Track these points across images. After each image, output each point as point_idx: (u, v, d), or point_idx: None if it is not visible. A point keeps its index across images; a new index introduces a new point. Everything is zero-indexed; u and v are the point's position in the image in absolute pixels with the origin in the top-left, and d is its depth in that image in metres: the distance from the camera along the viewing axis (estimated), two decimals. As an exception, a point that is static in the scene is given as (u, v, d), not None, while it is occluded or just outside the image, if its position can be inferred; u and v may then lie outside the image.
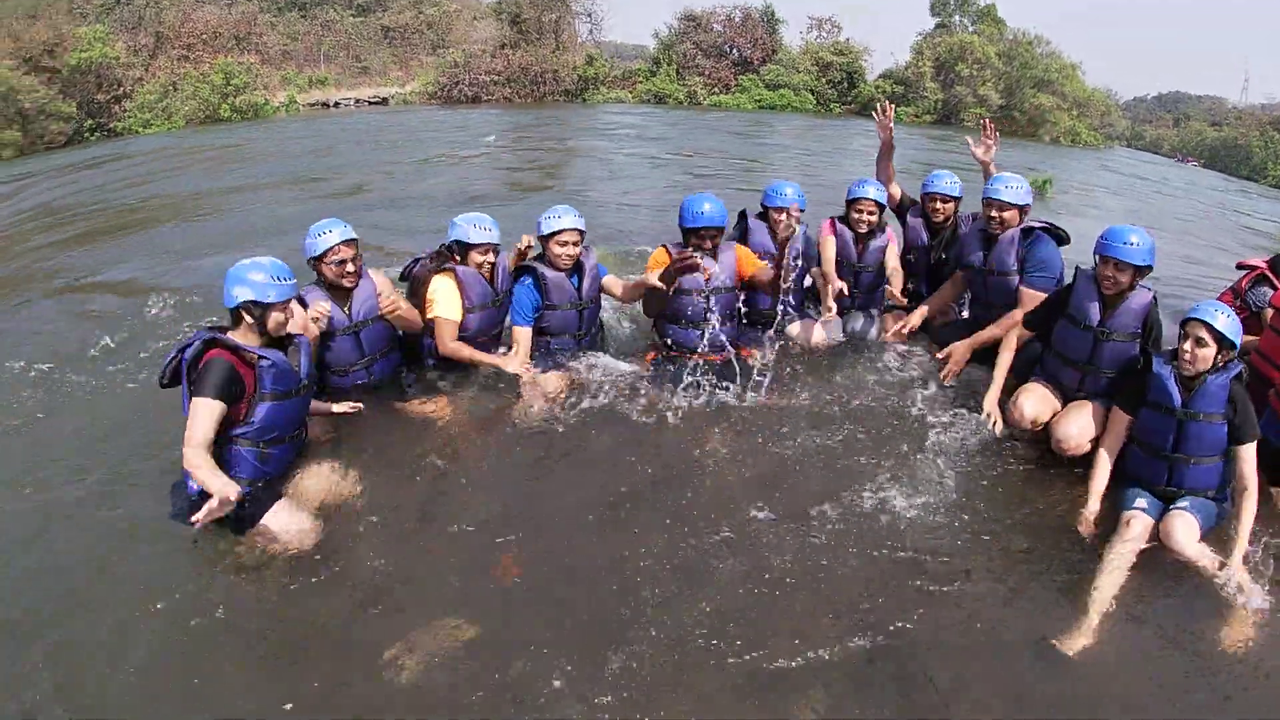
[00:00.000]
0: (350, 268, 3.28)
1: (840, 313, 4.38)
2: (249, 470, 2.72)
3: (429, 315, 3.70)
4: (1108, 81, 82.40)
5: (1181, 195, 19.06)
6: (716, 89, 28.70)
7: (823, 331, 4.35)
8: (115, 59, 22.08)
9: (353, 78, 26.70)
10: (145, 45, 23.96)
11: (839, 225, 4.45)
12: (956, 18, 30.65)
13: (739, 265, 4.04)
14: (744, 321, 4.27)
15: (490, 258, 3.74)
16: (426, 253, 3.86)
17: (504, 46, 27.52)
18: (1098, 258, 3.36)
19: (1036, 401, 3.55)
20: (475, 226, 3.68)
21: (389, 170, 11.12)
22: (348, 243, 3.26)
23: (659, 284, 3.60)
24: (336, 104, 24.56)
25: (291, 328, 2.91)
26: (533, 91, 26.47)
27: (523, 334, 3.83)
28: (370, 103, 24.96)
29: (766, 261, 4.13)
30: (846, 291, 4.18)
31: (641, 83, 28.61)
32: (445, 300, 3.66)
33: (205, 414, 2.55)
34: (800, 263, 4.24)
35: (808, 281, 4.52)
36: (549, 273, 3.80)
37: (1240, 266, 5.15)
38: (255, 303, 2.70)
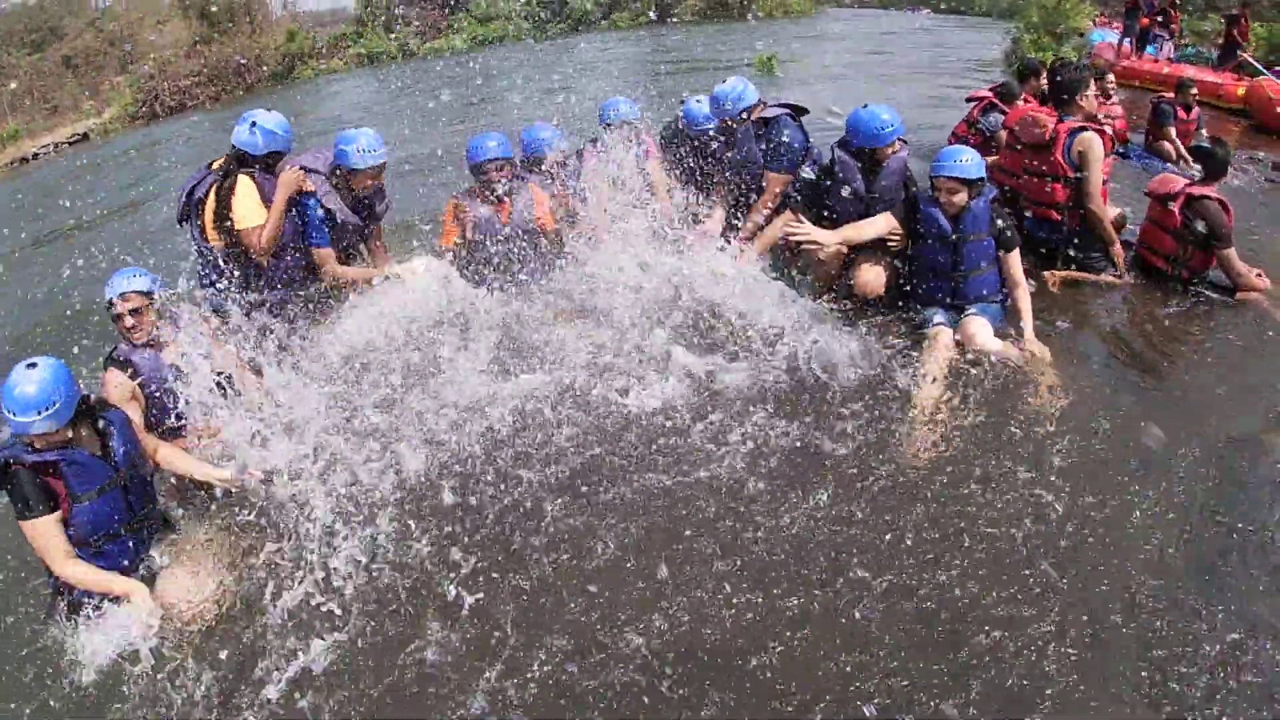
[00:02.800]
0: (130, 321, 2.97)
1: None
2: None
3: (239, 227, 3.52)
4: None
5: (897, 43, 19.63)
6: (429, 35, 28.67)
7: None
8: None
9: (44, 120, 25.33)
10: None
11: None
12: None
13: (537, 206, 4.08)
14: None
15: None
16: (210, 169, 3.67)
17: (198, 44, 26.45)
18: (867, 148, 3.86)
19: (828, 236, 3.94)
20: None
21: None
22: (124, 296, 2.95)
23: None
24: (35, 155, 23.39)
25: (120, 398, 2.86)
26: (239, 83, 25.91)
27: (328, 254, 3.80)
28: (70, 143, 23.88)
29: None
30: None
31: (350, 46, 28.24)
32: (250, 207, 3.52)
33: (44, 532, 2.52)
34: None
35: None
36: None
37: (970, 99, 5.79)
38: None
